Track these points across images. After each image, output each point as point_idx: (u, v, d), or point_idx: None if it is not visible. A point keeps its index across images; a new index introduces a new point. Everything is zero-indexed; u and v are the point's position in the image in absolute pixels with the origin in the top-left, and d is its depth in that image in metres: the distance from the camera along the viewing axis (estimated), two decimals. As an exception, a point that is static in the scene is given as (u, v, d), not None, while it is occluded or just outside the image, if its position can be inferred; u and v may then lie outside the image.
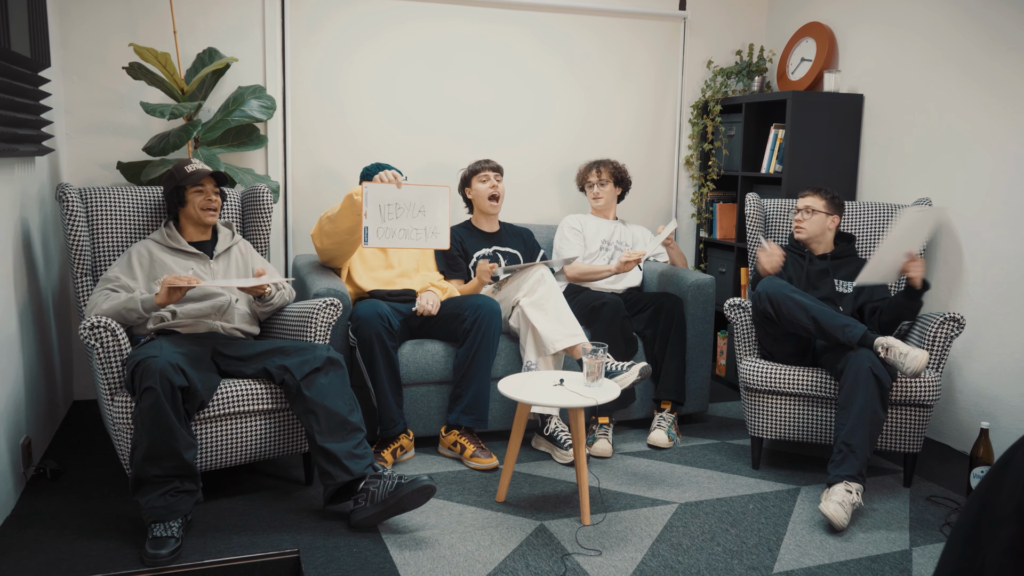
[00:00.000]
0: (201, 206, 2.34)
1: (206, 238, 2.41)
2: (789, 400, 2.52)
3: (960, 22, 2.83)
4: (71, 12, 2.90)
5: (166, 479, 1.95)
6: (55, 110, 2.76)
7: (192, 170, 2.34)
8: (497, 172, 2.97)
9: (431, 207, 2.44)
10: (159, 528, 1.93)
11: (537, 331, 2.61)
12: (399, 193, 2.41)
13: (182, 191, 2.34)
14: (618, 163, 3.21)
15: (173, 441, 1.93)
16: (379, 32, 3.24)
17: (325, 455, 2.07)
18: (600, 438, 2.69)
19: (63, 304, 2.90)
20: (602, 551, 2.02)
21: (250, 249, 2.50)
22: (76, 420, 2.88)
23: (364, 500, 2.06)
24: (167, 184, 2.36)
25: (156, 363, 1.93)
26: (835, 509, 2.16)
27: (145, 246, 2.32)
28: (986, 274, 2.76)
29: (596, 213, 3.22)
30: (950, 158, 2.87)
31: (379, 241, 2.42)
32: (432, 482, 2.06)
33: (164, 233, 2.36)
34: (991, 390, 2.73)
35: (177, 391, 1.95)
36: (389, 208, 2.41)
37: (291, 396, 2.14)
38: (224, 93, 3.03)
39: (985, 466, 2.38)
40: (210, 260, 2.36)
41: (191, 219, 2.37)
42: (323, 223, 2.60)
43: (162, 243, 2.34)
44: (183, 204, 2.35)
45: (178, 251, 2.33)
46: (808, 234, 2.68)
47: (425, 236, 2.45)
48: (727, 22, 3.71)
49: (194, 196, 2.34)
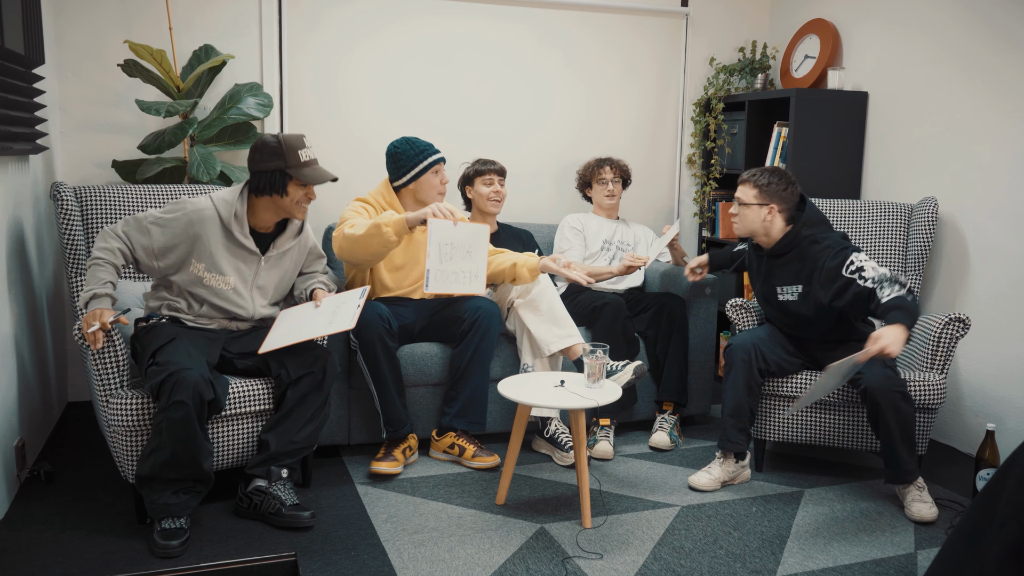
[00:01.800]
0: (299, 201, 2.12)
1: (270, 229, 2.20)
2: (790, 402, 2.49)
3: (965, 20, 2.80)
4: (66, 8, 2.88)
5: (181, 480, 1.99)
6: (49, 108, 2.74)
7: (307, 159, 2.08)
8: (501, 176, 2.94)
9: (476, 248, 2.33)
10: (168, 521, 1.97)
11: (531, 333, 2.58)
12: (455, 231, 2.28)
13: (286, 178, 2.07)
14: (623, 161, 3.18)
15: (197, 452, 1.98)
16: (378, 29, 3.21)
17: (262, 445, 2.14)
18: (601, 440, 2.66)
19: (57, 304, 2.88)
20: (603, 554, 2.01)
21: (308, 249, 2.32)
22: (71, 422, 2.87)
23: (246, 503, 2.13)
24: (267, 161, 2.05)
25: (191, 376, 1.92)
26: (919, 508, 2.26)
27: (203, 218, 2.05)
28: (991, 273, 2.73)
29: (601, 212, 3.17)
30: (955, 156, 2.85)
31: (438, 286, 2.27)
32: (313, 522, 2.08)
33: (233, 211, 2.08)
34: (997, 391, 2.71)
35: (206, 405, 1.98)
36: (446, 248, 2.27)
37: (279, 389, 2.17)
38: (220, 91, 3.01)
39: (991, 468, 2.36)
40: (261, 259, 2.18)
41: (279, 209, 2.13)
42: (343, 239, 2.36)
43: (224, 221, 2.08)
44: (280, 193, 2.07)
45: (234, 241, 2.10)
46: (743, 230, 2.39)
47: (469, 280, 2.33)
48: (730, 18, 3.68)
49: (297, 190, 2.10)
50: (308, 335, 2.11)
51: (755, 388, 2.40)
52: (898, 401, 2.21)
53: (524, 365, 2.62)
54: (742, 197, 2.38)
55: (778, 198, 2.34)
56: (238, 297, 2.19)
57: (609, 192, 3.11)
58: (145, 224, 2.09)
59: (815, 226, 2.35)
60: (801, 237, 2.34)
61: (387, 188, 2.60)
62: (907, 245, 2.87)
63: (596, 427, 2.71)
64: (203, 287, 2.14)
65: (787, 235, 2.36)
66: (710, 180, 3.62)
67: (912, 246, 2.84)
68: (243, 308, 2.21)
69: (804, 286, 2.36)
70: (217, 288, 2.15)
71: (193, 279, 2.14)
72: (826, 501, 2.37)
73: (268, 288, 2.27)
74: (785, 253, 2.37)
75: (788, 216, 2.37)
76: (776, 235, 2.37)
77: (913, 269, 2.85)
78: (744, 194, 2.38)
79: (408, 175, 2.54)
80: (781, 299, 2.42)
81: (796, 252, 2.35)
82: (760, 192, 2.34)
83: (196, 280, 2.13)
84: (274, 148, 2.09)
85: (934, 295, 2.94)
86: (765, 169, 2.38)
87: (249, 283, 2.21)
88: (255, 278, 2.21)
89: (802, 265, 2.34)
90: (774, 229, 2.36)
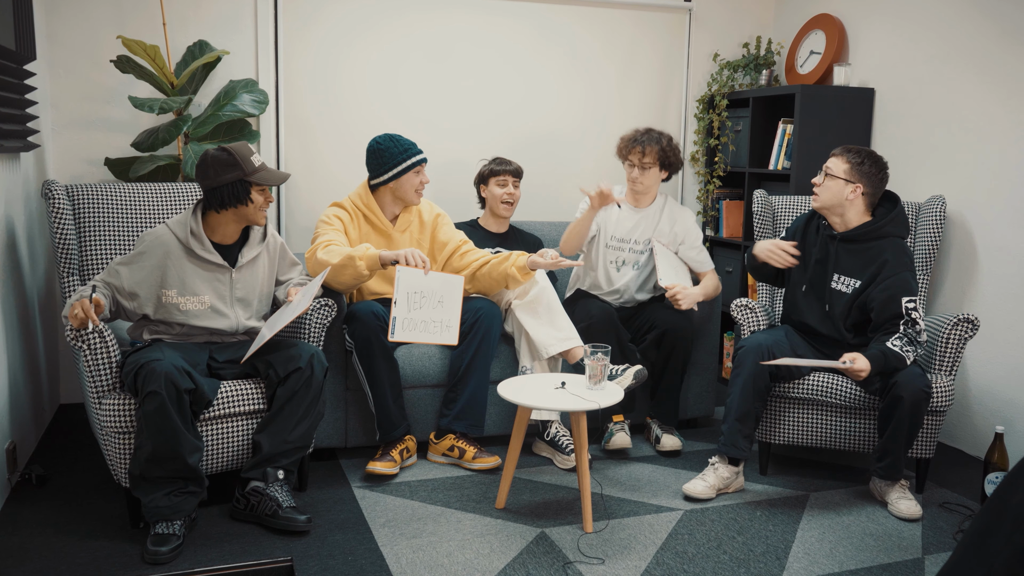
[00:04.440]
0: (262, 207, 2.13)
1: (234, 240, 2.19)
2: (798, 404, 2.46)
3: (973, 15, 2.77)
4: (57, 4, 2.86)
5: (170, 480, 1.95)
6: (40, 104, 2.72)
7: (260, 164, 2.10)
8: (516, 177, 2.90)
9: (448, 298, 2.36)
10: (162, 526, 1.94)
11: (529, 336, 2.54)
12: (425, 280, 2.30)
13: (248, 187, 2.08)
14: (669, 141, 2.72)
15: (177, 445, 1.94)
16: (376, 24, 3.18)
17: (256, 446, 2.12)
18: (617, 432, 2.63)
19: (49, 305, 2.86)
20: (605, 559, 1.98)
21: (279, 250, 2.31)
22: (62, 424, 2.84)
23: (242, 503, 2.11)
24: (223, 174, 2.05)
25: (160, 367, 1.92)
26: None
27: (163, 244, 2.08)
28: (1000, 273, 2.69)
29: (629, 198, 2.81)
30: (963, 154, 2.81)
31: (404, 335, 2.30)
32: (309, 527, 2.06)
33: (189, 230, 2.09)
34: (1006, 393, 2.67)
35: (184, 394, 1.94)
36: (415, 296, 2.30)
37: (270, 390, 2.16)
38: (215, 87, 2.98)
39: (1000, 471, 2.32)
40: (232, 271, 2.17)
41: (242, 218, 2.14)
42: (316, 264, 2.35)
43: (183, 243, 2.09)
44: (244, 202, 2.09)
45: (200, 259, 2.11)
46: (821, 202, 2.32)
47: (440, 330, 2.35)
48: (734, 14, 3.65)
49: (258, 195, 2.10)
50: (274, 329, 2.11)
51: (764, 392, 2.36)
52: (921, 401, 2.21)
53: (523, 367, 2.59)
54: (832, 168, 2.31)
55: (867, 179, 2.28)
56: (216, 315, 2.17)
57: (632, 179, 2.73)
58: (112, 268, 2.10)
59: (900, 226, 2.32)
60: (884, 232, 2.30)
61: (365, 191, 2.61)
62: (914, 244, 2.83)
63: (610, 423, 2.68)
64: (179, 312, 2.12)
65: (868, 224, 2.32)
66: (714, 178, 3.58)
67: (919, 245, 2.80)
68: (225, 322, 2.19)
69: (863, 282, 2.30)
70: (193, 311, 2.14)
71: (168, 308, 2.11)
72: (832, 505, 2.34)
73: (250, 300, 2.24)
74: (858, 241, 2.31)
75: (869, 202, 2.32)
76: (852, 218, 2.32)
77: (921, 269, 2.81)
78: (835, 166, 2.31)
79: (390, 173, 2.54)
80: (834, 287, 2.34)
81: (874, 245, 2.30)
82: (852, 168, 2.28)
83: (171, 308, 2.11)
84: (228, 160, 2.09)
85: (942, 295, 2.91)
86: (863, 149, 2.33)
87: (228, 298, 2.19)
88: (232, 291, 2.19)
89: (871, 261, 2.29)
90: (852, 210, 2.31)
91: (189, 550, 1.97)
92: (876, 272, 2.28)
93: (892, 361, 2.21)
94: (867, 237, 2.31)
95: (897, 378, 2.22)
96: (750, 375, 2.32)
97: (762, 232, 2.91)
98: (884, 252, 2.29)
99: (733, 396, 2.35)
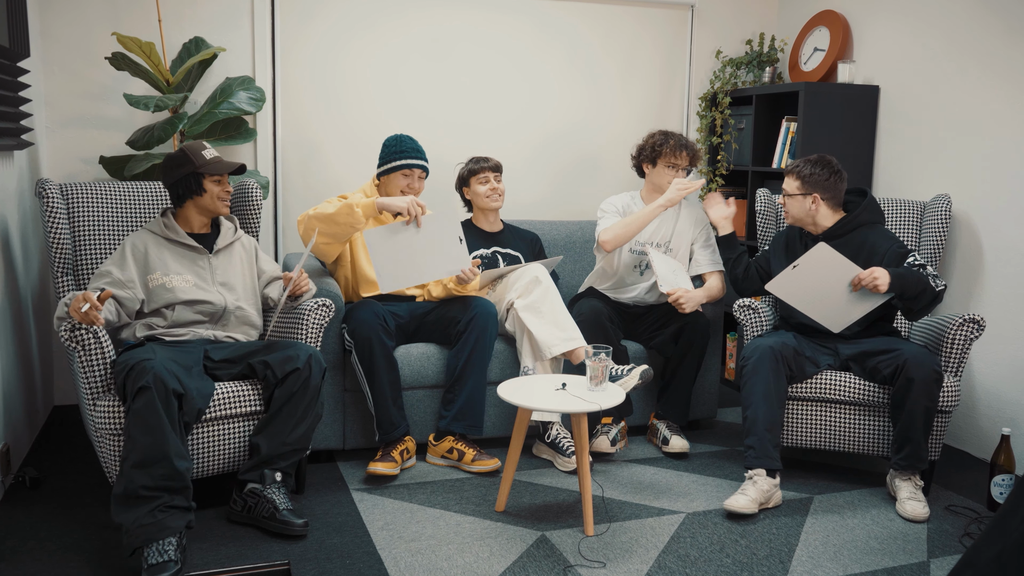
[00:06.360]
0: (219, 196, 2.25)
1: (207, 231, 2.32)
2: (802, 405, 2.44)
3: (979, 11, 2.74)
4: (51, 0, 2.83)
5: (155, 493, 1.84)
6: (35, 102, 2.70)
7: (212, 157, 2.23)
8: (496, 172, 2.87)
9: (440, 234, 2.39)
10: (153, 554, 1.80)
11: (532, 335, 2.51)
12: (403, 235, 2.36)
13: (200, 178, 2.22)
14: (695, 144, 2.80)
15: (165, 445, 1.86)
16: (375, 21, 3.16)
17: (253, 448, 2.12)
18: (600, 436, 2.61)
19: (43, 305, 2.84)
20: (606, 563, 1.97)
21: (255, 248, 2.40)
22: (57, 426, 2.83)
23: (240, 505, 2.10)
24: (177, 169, 2.22)
25: (151, 364, 1.91)
26: None
27: (141, 238, 2.22)
28: (1007, 273, 2.67)
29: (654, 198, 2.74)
30: (969, 152, 2.79)
31: (396, 284, 2.40)
32: (306, 531, 2.05)
33: (161, 223, 2.25)
34: (1013, 394, 2.64)
35: (172, 396, 1.90)
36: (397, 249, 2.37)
37: (267, 391, 2.14)
38: (211, 84, 2.96)
39: (1006, 474, 2.30)
40: (210, 255, 2.26)
41: (203, 209, 2.26)
42: (309, 219, 2.45)
43: (159, 234, 2.23)
44: (199, 193, 2.23)
45: (177, 243, 2.23)
46: (791, 219, 2.47)
47: (444, 263, 2.42)
48: (736, 10, 3.62)
49: (213, 185, 2.24)
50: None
51: (784, 396, 2.34)
52: (932, 382, 2.20)
53: (524, 368, 2.56)
54: (786, 188, 2.43)
55: (821, 187, 2.39)
56: (203, 292, 2.22)
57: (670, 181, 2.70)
58: (102, 270, 2.18)
59: (874, 213, 2.43)
60: (860, 221, 2.41)
61: (371, 185, 2.69)
62: (920, 243, 2.80)
63: (599, 425, 2.65)
64: (167, 292, 2.18)
65: (842, 220, 2.41)
66: (716, 176, 3.55)
67: (925, 245, 2.77)
68: (214, 297, 2.22)
69: None
70: (181, 287, 2.20)
71: (156, 292, 2.18)
72: (836, 508, 2.32)
73: (233, 284, 2.28)
74: (838, 236, 2.40)
75: (835, 204, 2.42)
76: (825, 223, 2.43)
77: (925, 268, 2.79)
78: (788, 185, 2.43)
79: (384, 167, 2.64)
80: None
81: (854, 235, 2.40)
82: (803, 183, 2.40)
83: (159, 290, 2.18)
84: (180, 157, 2.23)
85: (947, 295, 2.88)
86: (809, 159, 2.43)
87: (210, 280, 2.24)
88: (213, 275, 2.25)
89: (858, 250, 2.37)
90: (820, 218, 2.42)
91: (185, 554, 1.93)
92: (868, 257, 2.37)
93: (912, 279, 2.22)
94: (845, 231, 2.42)
95: (906, 357, 2.21)
96: (770, 383, 2.28)
97: (765, 231, 2.89)
98: (867, 238, 2.40)
99: (756, 406, 2.28)
